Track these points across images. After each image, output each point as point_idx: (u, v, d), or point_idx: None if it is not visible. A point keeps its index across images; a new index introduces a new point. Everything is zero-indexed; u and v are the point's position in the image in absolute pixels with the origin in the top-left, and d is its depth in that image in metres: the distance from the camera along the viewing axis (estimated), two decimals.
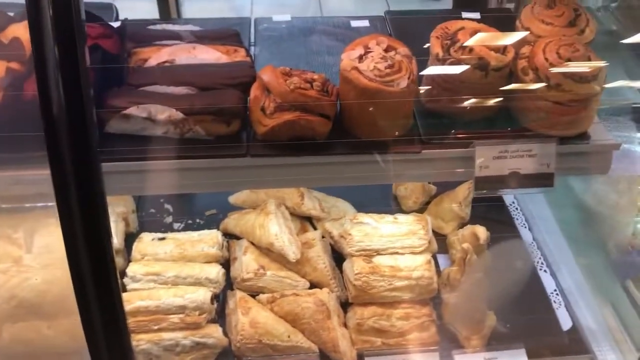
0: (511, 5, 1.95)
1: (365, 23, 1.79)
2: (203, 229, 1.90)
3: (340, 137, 1.35)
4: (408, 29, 1.69)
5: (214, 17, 1.76)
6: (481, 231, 1.72)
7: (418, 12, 1.89)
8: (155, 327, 1.55)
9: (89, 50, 1.36)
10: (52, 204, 1.50)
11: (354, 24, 1.79)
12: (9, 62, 1.36)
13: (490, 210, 2.01)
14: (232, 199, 1.95)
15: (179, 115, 1.32)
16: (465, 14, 1.75)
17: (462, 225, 1.90)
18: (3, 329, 1.45)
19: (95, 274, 1.04)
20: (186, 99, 1.35)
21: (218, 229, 1.87)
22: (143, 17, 1.92)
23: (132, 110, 1.32)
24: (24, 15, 1.52)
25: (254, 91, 1.37)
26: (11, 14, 1.57)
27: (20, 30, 1.44)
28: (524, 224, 2.04)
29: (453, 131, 1.36)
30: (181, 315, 1.54)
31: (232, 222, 1.86)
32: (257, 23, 1.79)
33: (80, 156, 0.95)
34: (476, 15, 1.75)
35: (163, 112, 1.33)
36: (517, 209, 2.10)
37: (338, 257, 1.82)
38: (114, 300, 1.06)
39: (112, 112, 1.32)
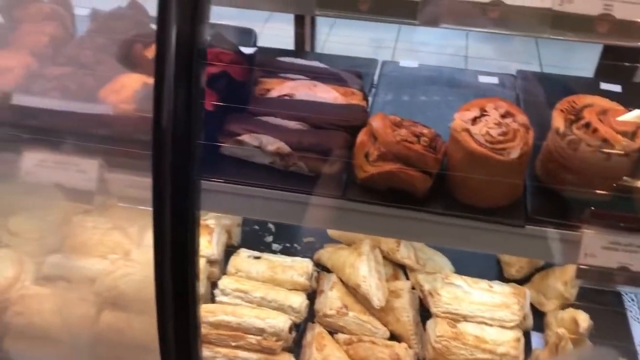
0: None
1: (494, 80, 1.74)
2: (299, 254, 1.94)
3: (441, 195, 1.32)
4: (537, 93, 1.61)
5: (345, 55, 1.80)
6: (583, 318, 1.59)
7: (552, 76, 1.79)
8: (233, 344, 1.61)
9: (217, 75, 1.48)
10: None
11: (482, 79, 1.74)
12: (148, 76, 1.50)
13: (600, 296, 1.84)
14: (331, 231, 1.97)
15: (286, 149, 1.37)
16: (604, 85, 1.64)
17: (564, 306, 1.76)
18: (102, 314, 1.59)
19: (177, 278, 1.10)
20: (296, 134, 1.40)
21: (312, 258, 1.90)
22: (281, 40, 2.03)
23: (246, 138, 1.40)
24: None
25: (362, 136, 1.39)
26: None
27: None
28: (638, 318, 1.84)
29: (562, 211, 1.28)
30: (259, 338, 1.59)
31: (325, 254, 1.88)
32: (383, 66, 1.80)
33: (181, 170, 1.02)
34: (617, 88, 1.64)
35: (273, 144, 1.38)
36: (633, 299, 1.90)
37: (425, 312, 1.77)
38: (189, 310, 1.12)
39: (228, 137, 1.41)
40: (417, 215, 1.31)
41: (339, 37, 3.04)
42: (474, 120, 1.29)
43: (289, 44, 2.12)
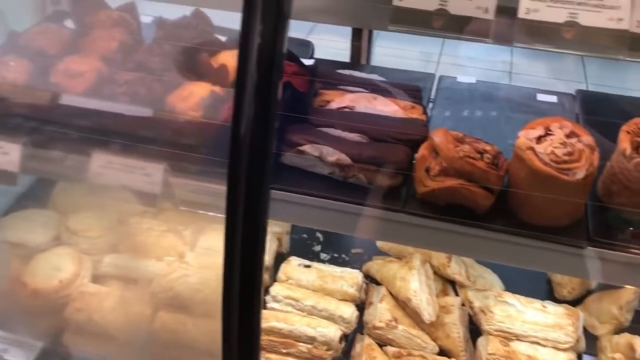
0: None
1: (553, 99, 1.72)
2: (347, 265, 1.95)
3: (501, 213, 1.32)
4: (599, 114, 1.60)
5: (401, 68, 1.81)
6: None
7: (612, 96, 1.77)
8: (284, 351, 1.63)
9: (282, 85, 1.51)
10: (221, 215, 1.66)
11: (540, 97, 1.73)
12: (213, 85, 1.54)
13: None
14: (380, 243, 1.98)
15: (346, 160, 1.39)
16: None
17: (618, 331, 1.73)
18: (158, 315, 1.62)
19: (244, 284, 1.12)
20: (356, 147, 1.42)
21: (361, 269, 1.91)
22: (337, 54, 2.05)
23: (307, 148, 1.42)
24: (234, 45, 1.72)
25: (422, 150, 1.40)
26: (223, 39, 1.78)
27: (230, 58, 1.62)
28: None
29: (624, 233, 1.26)
30: (309, 346, 1.60)
31: (375, 266, 1.89)
32: (440, 80, 1.81)
33: (254, 179, 1.04)
34: None
35: (333, 155, 1.40)
36: None
37: (473, 329, 1.76)
38: (254, 315, 1.14)
39: (289, 146, 1.44)
40: (477, 232, 1.31)
41: (383, 49, 3.04)
42: (539, 139, 1.29)
43: (335, 55, 2.12)
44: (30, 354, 1.64)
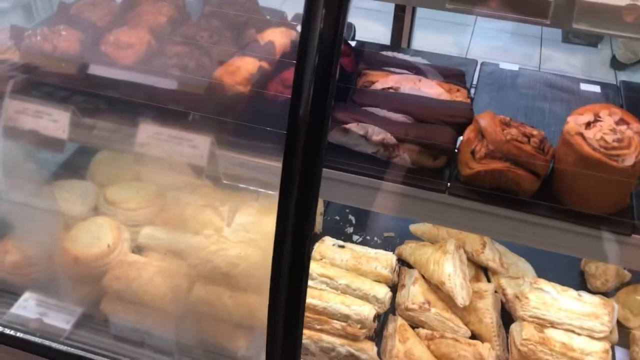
0: None
1: (596, 89, 1.71)
2: (378, 248, 1.96)
3: (545, 198, 1.32)
4: None
5: (443, 53, 1.81)
6: None
7: None
8: (318, 327, 1.65)
9: None
10: (262, 190, 1.67)
11: (584, 87, 1.72)
12: (260, 60, 1.55)
13: None
14: (413, 227, 1.99)
15: (392, 140, 1.40)
16: None
17: None
18: (196, 286, 1.65)
19: (293, 260, 1.14)
20: (402, 127, 1.42)
21: (393, 252, 1.92)
22: (375, 38, 2.05)
23: (352, 127, 1.43)
24: (280, 23, 1.73)
25: (468, 133, 1.40)
26: (268, 17, 1.79)
27: (276, 35, 1.63)
28: None
29: None
30: (343, 324, 1.62)
31: (407, 249, 1.90)
32: (482, 67, 1.80)
33: (310, 156, 1.06)
34: None
35: (378, 134, 1.41)
36: None
37: (505, 316, 1.76)
38: (301, 290, 1.16)
39: (334, 124, 1.44)
40: (521, 216, 1.31)
41: (427, 38, 3.03)
42: (588, 125, 1.28)
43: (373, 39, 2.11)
44: (69, 319, 1.67)
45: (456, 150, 1.39)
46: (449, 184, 1.37)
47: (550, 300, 1.62)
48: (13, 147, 1.64)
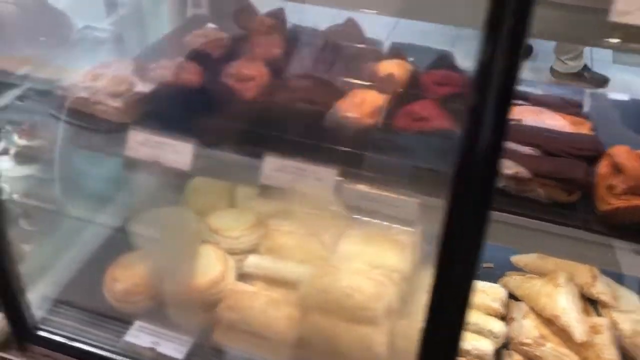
0: None
1: None
2: (477, 278, 1.93)
3: None
4: None
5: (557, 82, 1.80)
6: None
7: None
8: None
9: (457, 94, 1.52)
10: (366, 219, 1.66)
11: None
12: (380, 92, 1.55)
13: None
14: (515, 259, 1.96)
15: (526, 174, 1.38)
16: None
17: None
18: (307, 317, 1.63)
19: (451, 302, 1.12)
20: (534, 160, 1.40)
21: (494, 283, 1.89)
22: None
23: None
24: (393, 54, 1.73)
25: (603, 167, 1.38)
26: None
27: (393, 67, 1.63)
28: None
29: None
30: (462, 359, 1.59)
31: (513, 282, 1.86)
32: (592, 96, 1.78)
33: (478, 198, 1.04)
34: None
35: (511, 168, 1.39)
36: None
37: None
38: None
39: None
40: None
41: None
42: None
43: None
44: (182, 349, 1.68)
45: None
46: (584, 219, 1.34)
47: None
48: (133, 178, 1.67)
